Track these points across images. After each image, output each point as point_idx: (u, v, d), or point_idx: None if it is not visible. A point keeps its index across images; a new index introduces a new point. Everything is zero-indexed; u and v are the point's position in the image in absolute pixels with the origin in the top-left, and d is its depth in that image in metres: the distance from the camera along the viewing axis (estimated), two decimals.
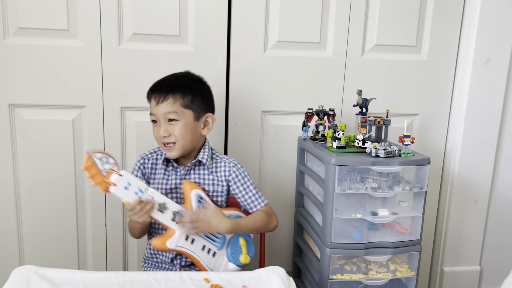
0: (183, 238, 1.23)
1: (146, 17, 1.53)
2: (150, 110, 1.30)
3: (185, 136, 1.28)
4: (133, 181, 1.15)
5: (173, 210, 1.22)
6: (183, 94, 1.28)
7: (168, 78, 1.33)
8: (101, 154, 1.13)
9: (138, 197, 1.16)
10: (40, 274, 1.08)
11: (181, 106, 1.27)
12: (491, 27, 1.66)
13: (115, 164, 1.15)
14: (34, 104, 1.53)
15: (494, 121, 1.75)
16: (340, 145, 1.41)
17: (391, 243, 1.38)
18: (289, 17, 1.61)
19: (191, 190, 1.27)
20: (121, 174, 1.13)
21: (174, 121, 1.27)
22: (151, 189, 1.19)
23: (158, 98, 1.27)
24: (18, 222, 1.60)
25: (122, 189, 1.13)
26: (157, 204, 1.19)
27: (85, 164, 1.10)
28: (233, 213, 1.33)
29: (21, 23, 1.47)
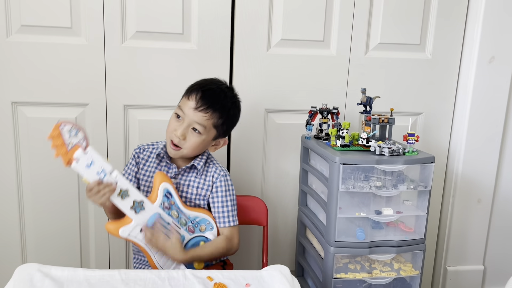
0: (137, 229, 1.19)
1: (150, 15, 1.52)
2: (182, 105, 1.27)
3: (195, 149, 1.28)
4: (97, 160, 1.11)
5: (134, 198, 1.18)
6: (221, 115, 1.27)
7: (216, 88, 1.29)
8: (71, 126, 1.09)
9: (99, 178, 1.12)
10: (44, 272, 1.07)
11: (212, 124, 1.27)
12: (496, 25, 1.66)
13: (84, 139, 1.10)
14: (37, 102, 1.53)
15: (498, 120, 1.74)
16: (344, 143, 1.40)
17: (395, 242, 1.38)
18: (293, 15, 1.60)
19: (161, 183, 1.23)
20: (87, 151, 1.10)
21: (196, 133, 1.26)
22: (117, 172, 1.15)
23: (200, 105, 1.24)
24: (21, 220, 1.60)
25: (84, 166, 1.10)
26: (118, 189, 1.15)
27: (51, 133, 1.07)
28: (200, 215, 1.28)
29: (24, 20, 1.47)
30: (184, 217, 1.27)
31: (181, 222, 1.26)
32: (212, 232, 1.30)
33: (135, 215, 1.19)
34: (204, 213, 1.30)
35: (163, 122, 1.57)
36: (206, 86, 1.28)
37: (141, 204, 1.19)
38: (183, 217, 1.27)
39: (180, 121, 1.27)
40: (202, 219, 1.29)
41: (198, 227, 1.29)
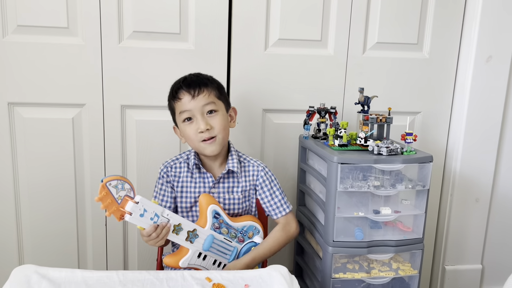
0: (195, 256, 1.23)
1: (147, 15, 1.52)
2: (181, 108, 1.27)
3: (225, 127, 1.30)
4: (149, 206, 1.11)
5: (188, 229, 1.20)
6: (213, 86, 1.30)
7: (190, 75, 1.32)
8: (117, 181, 1.06)
9: (153, 222, 1.13)
10: (41, 273, 1.07)
11: (215, 97, 1.29)
12: (493, 24, 1.66)
13: (131, 189, 1.09)
14: (33, 102, 1.52)
15: (496, 119, 1.74)
16: (342, 143, 1.40)
17: (394, 242, 1.37)
18: (290, 14, 1.60)
19: (208, 206, 1.25)
20: (137, 201, 1.09)
21: (214, 112, 1.27)
22: (167, 211, 1.16)
23: (193, 92, 1.25)
24: (18, 221, 1.59)
25: (138, 217, 1.10)
26: (172, 226, 1.16)
27: (99, 195, 1.04)
28: (247, 224, 1.32)
29: (20, 20, 1.46)
30: (233, 230, 1.29)
31: (231, 236, 1.29)
32: (259, 235, 1.34)
33: (191, 245, 1.21)
34: (249, 220, 1.33)
35: (161, 122, 1.58)
36: (181, 79, 1.31)
37: (194, 233, 1.21)
38: (233, 231, 1.29)
39: (193, 121, 1.27)
40: (249, 226, 1.32)
41: (247, 235, 1.32)
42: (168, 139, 1.61)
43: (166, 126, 1.60)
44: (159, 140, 1.60)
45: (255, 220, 1.35)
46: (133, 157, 1.60)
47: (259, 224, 1.35)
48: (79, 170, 1.59)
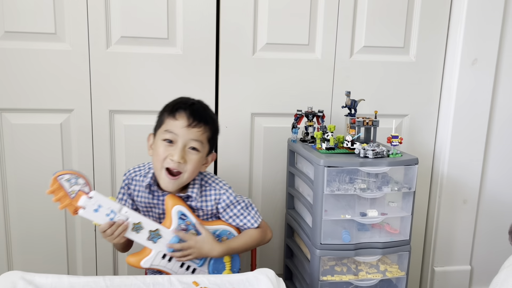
0: (159, 257, 1.19)
1: (134, 20, 1.52)
2: (170, 127, 1.18)
3: (195, 169, 1.21)
4: (104, 202, 1.11)
5: (149, 229, 1.17)
6: (211, 127, 1.23)
7: (197, 104, 1.25)
8: (70, 175, 1.07)
9: (109, 219, 1.12)
10: (27, 279, 1.07)
11: (206, 138, 1.22)
12: (478, 28, 1.68)
13: (86, 184, 1.09)
14: (21, 108, 1.52)
15: (482, 121, 1.76)
16: (329, 146, 1.41)
17: (381, 244, 1.39)
18: (278, 19, 1.61)
19: (173, 207, 1.21)
20: (91, 196, 1.09)
21: (195, 151, 1.20)
22: (126, 208, 1.14)
23: (192, 121, 1.19)
24: (6, 227, 1.59)
25: (92, 212, 1.10)
26: (131, 224, 1.15)
27: (50, 187, 1.05)
28: (219, 228, 1.28)
29: (7, 26, 1.46)
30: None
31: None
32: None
33: (153, 245, 1.18)
34: (222, 224, 1.29)
35: (150, 127, 1.56)
36: (189, 102, 1.23)
37: (157, 233, 1.18)
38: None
39: (172, 145, 1.18)
40: (222, 231, 1.28)
41: (220, 239, 1.27)
42: None
43: None
44: None
45: (229, 225, 1.30)
46: (122, 162, 1.60)
47: (234, 229, 1.30)
48: None
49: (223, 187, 1.29)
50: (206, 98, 1.59)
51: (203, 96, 1.60)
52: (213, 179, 1.31)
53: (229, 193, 1.28)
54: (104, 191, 1.58)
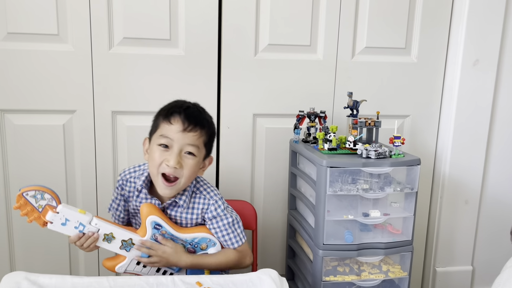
0: (133, 263, 1.20)
1: (137, 21, 1.53)
2: (165, 132, 1.16)
3: (192, 175, 1.19)
4: (71, 215, 1.11)
5: (122, 238, 1.17)
6: (208, 131, 1.21)
7: (192, 107, 1.22)
8: (35, 191, 1.08)
9: (78, 231, 1.13)
10: (31, 280, 1.07)
11: (203, 142, 1.20)
12: (479, 28, 1.68)
13: (52, 198, 1.10)
14: (24, 109, 1.53)
15: (484, 121, 1.76)
16: (332, 147, 1.41)
17: (383, 244, 1.39)
18: (280, 20, 1.62)
19: (147, 217, 1.18)
20: (58, 211, 1.10)
21: (191, 156, 1.17)
22: (96, 219, 1.14)
23: (187, 126, 1.16)
24: (9, 227, 1.59)
25: (59, 226, 1.11)
26: (102, 235, 1.15)
27: (16, 203, 1.07)
28: (198, 235, 1.23)
29: (10, 28, 1.47)
30: (181, 241, 1.23)
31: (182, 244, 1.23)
32: (215, 247, 1.25)
33: (127, 253, 1.19)
34: (202, 232, 1.24)
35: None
36: (184, 106, 1.20)
37: (129, 242, 1.18)
38: (180, 242, 1.22)
39: (167, 150, 1.16)
40: (200, 238, 1.24)
41: (199, 246, 1.24)
42: None
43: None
44: None
45: (210, 232, 1.25)
46: (124, 163, 1.61)
47: (214, 236, 1.25)
48: (70, 176, 1.59)
49: (213, 198, 1.25)
50: (208, 99, 1.62)
51: (205, 96, 1.62)
52: (204, 187, 1.27)
53: (217, 204, 1.24)
54: (106, 192, 1.61)
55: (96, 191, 1.61)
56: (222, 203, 1.25)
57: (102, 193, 1.61)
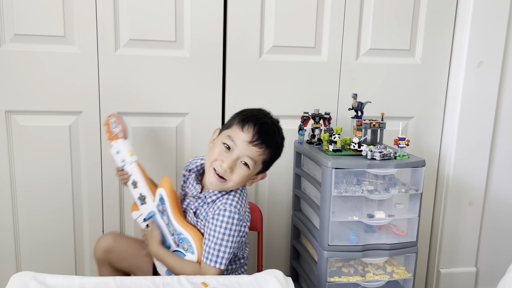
0: (141, 218, 1.33)
1: (142, 23, 1.54)
2: (233, 136, 1.20)
3: (240, 183, 1.22)
4: (122, 150, 1.33)
5: (140, 192, 1.31)
6: (271, 153, 1.24)
7: (271, 123, 1.24)
8: (114, 119, 1.35)
9: (121, 165, 1.33)
10: (39, 280, 1.08)
11: (262, 160, 1.23)
12: (483, 30, 1.69)
13: (121, 131, 1.34)
14: (30, 110, 1.54)
15: (488, 123, 1.77)
16: (336, 148, 1.42)
17: (388, 245, 1.39)
18: (284, 22, 1.62)
19: (159, 187, 1.28)
20: (117, 141, 1.34)
21: (245, 167, 1.20)
22: (133, 165, 1.32)
23: (255, 140, 1.19)
24: (15, 228, 1.60)
25: (114, 153, 1.35)
26: (131, 180, 1.32)
27: (105, 122, 1.39)
28: (185, 233, 1.23)
29: (17, 29, 1.48)
30: (172, 227, 1.26)
31: (170, 230, 1.28)
32: (193, 256, 1.23)
33: (140, 206, 1.33)
34: (190, 234, 1.23)
35: (156, 129, 1.60)
36: (262, 120, 1.22)
37: (143, 198, 1.31)
38: (171, 227, 1.26)
39: (228, 152, 1.20)
40: (185, 238, 1.24)
41: (182, 244, 1.25)
42: (164, 145, 1.63)
43: (163, 133, 1.62)
44: (155, 146, 1.62)
45: (197, 239, 1.22)
46: None
47: (197, 245, 1.22)
48: (76, 177, 1.60)
49: (227, 209, 1.20)
50: (213, 100, 1.63)
51: (210, 98, 1.63)
52: (235, 198, 1.23)
53: (226, 213, 1.19)
54: (111, 192, 1.62)
55: (101, 192, 1.62)
56: (229, 217, 1.19)
57: (107, 194, 1.62)
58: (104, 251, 1.34)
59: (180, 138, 1.64)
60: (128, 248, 1.37)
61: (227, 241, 1.19)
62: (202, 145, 1.65)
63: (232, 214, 1.20)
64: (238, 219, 1.20)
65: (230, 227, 1.19)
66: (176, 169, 1.65)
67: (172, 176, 1.65)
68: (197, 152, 1.65)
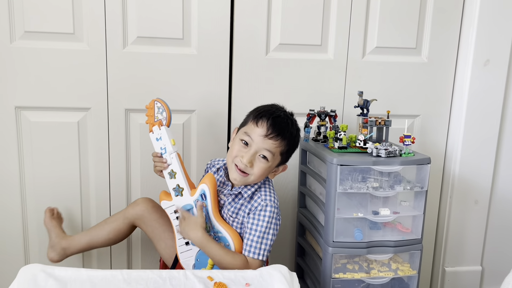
0: (172, 209, 1.33)
1: (150, 21, 1.55)
2: (249, 132, 1.26)
3: (261, 175, 1.28)
4: (164, 138, 1.32)
5: (178, 183, 1.32)
6: (288, 143, 1.29)
7: (284, 115, 1.30)
8: (161, 104, 1.33)
9: (160, 153, 1.32)
10: (47, 272, 1.10)
11: (279, 152, 1.28)
12: (490, 28, 1.69)
13: (165, 118, 1.32)
14: (40, 106, 1.56)
15: (494, 121, 1.76)
16: (342, 145, 1.43)
17: (393, 242, 1.40)
18: (291, 20, 1.63)
19: (202, 183, 1.30)
20: (160, 128, 1.32)
21: (264, 160, 1.26)
22: (174, 155, 1.31)
23: (270, 133, 1.25)
24: (24, 221, 1.62)
25: (154, 139, 1.34)
26: (170, 169, 1.32)
27: (149, 103, 1.35)
28: (223, 232, 1.29)
29: (27, 26, 1.50)
30: (209, 224, 1.30)
31: (207, 226, 1.30)
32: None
33: (174, 197, 1.33)
34: (229, 233, 1.29)
35: None
36: (275, 113, 1.28)
37: (180, 191, 1.32)
38: (209, 223, 1.30)
39: (246, 147, 1.27)
40: (223, 237, 1.29)
41: (219, 241, 1.30)
42: None
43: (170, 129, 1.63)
44: None
45: (234, 238, 1.28)
46: (137, 160, 1.63)
47: (236, 245, 1.28)
48: (84, 173, 1.62)
49: (266, 201, 1.28)
50: (219, 98, 1.64)
51: (217, 95, 1.64)
52: (267, 190, 1.32)
53: (268, 208, 1.27)
54: (119, 188, 1.64)
55: (109, 187, 1.64)
56: (270, 212, 1.27)
57: (115, 190, 1.64)
58: (136, 218, 1.40)
59: (187, 134, 1.66)
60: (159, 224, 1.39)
61: (268, 233, 1.27)
62: (209, 141, 1.66)
63: (273, 209, 1.28)
64: (277, 213, 1.30)
65: (271, 220, 1.27)
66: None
67: None
68: (204, 149, 1.66)
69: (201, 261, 1.32)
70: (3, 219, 1.61)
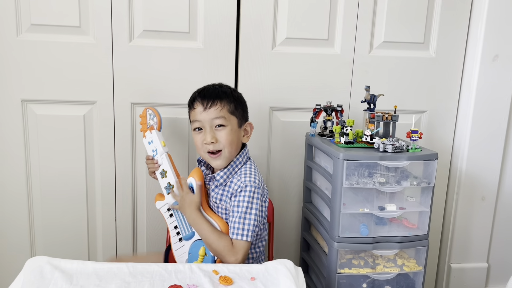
0: (165, 208, 1.38)
1: (156, 14, 1.55)
2: (194, 117, 1.32)
3: (231, 142, 1.31)
4: (155, 141, 1.40)
5: (169, 181, 1.36)
6: (229, 100, 1.31)
7: (209, 86, 1.35)
8: (151, 111, 1.42)
9: (152, 155, 1.39)
10: (53, 264, 1.10)
11: (228, 111, 1.30)
12: (499, 24, 1.67)
13: (156, 123, 1.41)
14: (46, 99, 1.56)
15: (502, 117, 1.75)
16: (348, 140, 1.42)
17: (399, 238, 1.39)
18: (297, 14, 1.62)
19: (189, 177, 1.34)
20: (151, 132, 1.40)
21: (221, 127, 1.30)
22: (164, 156, 1.38)
23: (206, 104, 1.29)
24: (30, 215, 1.63)
25: (147, 143, 1.42)
26: (161, 169, 1.38)
27: (142, 113, 1.45)
28: (211, 221, 1.30)
29: (34, 19, 1.50)
30: None
31: None
32: None
33: (166, 195, 1.37)
34: (216, 221, 1.31)
35: (169, 120, 1.61)
36: (201, 89, 1.35)
37: (171, 187, 1.36)
38: None
39: (201, 132, 1.31)
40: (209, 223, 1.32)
41: None
42: (176, 135, 1.64)
43: (174, 123, 1.63)
44: (168, 136, 1.63)
45: (222, 226, 1.29)
46: (142, 154, 1.63)
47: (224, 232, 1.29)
48: (90, 166, 1.62)
49: (245, 182, 1.28)
50: None
51: None
52: (246, 170, 1.32)
53: (248, 188, 1.27)
54: (124, 181, 1.64)
55: (114, 180, 1.64)
56: (250, 191, 1.27)
57: (120, 182, 1.64)
58: None
59: None
60: None
61: (250, 214, 1.27)
62: None
63: (253, 189, 1.28)
64: (258, 193, 1.29)
65: (252, 200, 1.27)
66: (188, 159, 1.67)
67: (185, 166, 1.66)
68: None
69: (193, 254, 1.34)
70: (9, 212, 1.62)
